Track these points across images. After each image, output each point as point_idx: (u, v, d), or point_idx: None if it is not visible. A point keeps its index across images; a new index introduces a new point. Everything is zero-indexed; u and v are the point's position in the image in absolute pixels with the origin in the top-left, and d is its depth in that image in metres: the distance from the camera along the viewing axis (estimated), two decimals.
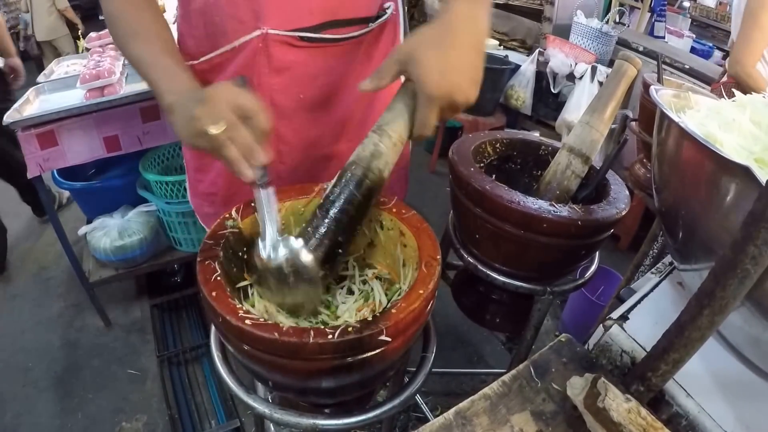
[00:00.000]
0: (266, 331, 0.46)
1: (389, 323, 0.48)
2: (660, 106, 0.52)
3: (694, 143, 0.43)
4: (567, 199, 0.83)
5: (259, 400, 0.59)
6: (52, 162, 1.44)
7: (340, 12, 0.76)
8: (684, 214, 0.48)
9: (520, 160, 0.95)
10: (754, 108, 0.52)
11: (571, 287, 0.86)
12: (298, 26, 0.73)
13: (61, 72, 1.79)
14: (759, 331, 0.43)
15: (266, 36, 0.73)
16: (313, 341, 0.45)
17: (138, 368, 1.74)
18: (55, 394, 1.65)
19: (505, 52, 2.95)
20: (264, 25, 0.72)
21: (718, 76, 2.10)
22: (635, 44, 2.44)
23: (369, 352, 0.49)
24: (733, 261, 0.35)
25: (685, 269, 0.55)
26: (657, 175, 0.56)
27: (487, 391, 0.48)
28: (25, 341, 1.86)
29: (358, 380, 0.54)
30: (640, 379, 0.44)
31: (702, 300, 0.38)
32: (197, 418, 1.56)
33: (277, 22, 0.72)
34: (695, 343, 0.39)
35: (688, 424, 0.46)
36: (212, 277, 0.53)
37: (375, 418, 0.58)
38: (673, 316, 0.41)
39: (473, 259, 0.86)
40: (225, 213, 0.63)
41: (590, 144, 0.81)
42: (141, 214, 1.76)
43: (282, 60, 0.75)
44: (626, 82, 0.81)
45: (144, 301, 2.03)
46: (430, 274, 0.54)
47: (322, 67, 0.79)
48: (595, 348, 0.55)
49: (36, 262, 2.29)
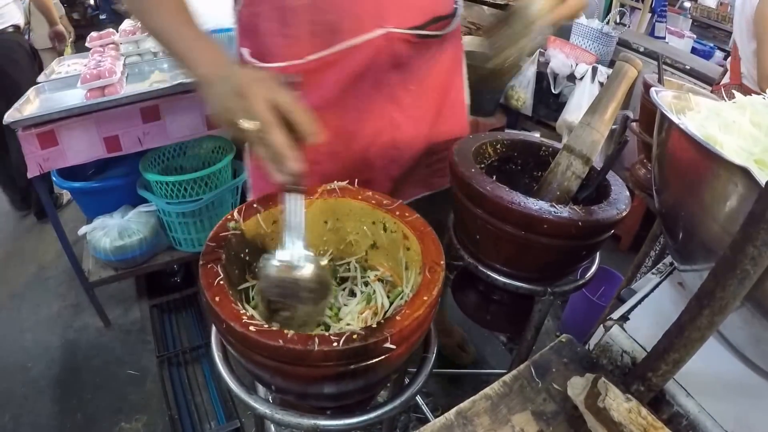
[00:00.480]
0: (271, 338, 0.46)
1: (394, 330, 0.48)
2: (660, 107, 0.52)
3: (695, 145, 0.44)
4: (567, 200, 0.83)
5: (260, 401, 0.59)
6: (52, 162, 1.44)
7: (439, 9, 0.83)
8: (684, 214, 0.49)
9: (521, 161, 0.95)
10: (754, 109, 0.53)
11: (572, 288, 0.86)
12: (412, 24, 0.79)
13: (61, 71, 1.79)
14: (759, 331, 0.43)
15: (389, 34, 0.77)
16: (318, 349, 0.45)
17: (137, 368, 1.74)
18: (54, 394, 1.65)
19: None
20: (386, 24, 0.76)
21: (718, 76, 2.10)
22: (636, 45, 2.44)
23: (373, 359, 0.49)
24: (733, 262, 0.35)
25: (685, 270, 0.55)
26: (657, 176, 0.56)
27: (488, 391, 0.48)
28: (24, 341, 1.86)
29: (361, 386, 0.54)
30: (641, 379, 0.44)
31: (702, 300, 0.38)
32: (197, 419, 1.56)
33: (398, 21, 0.77)
34: (695, 343, 0.39)
35: (688, 423, 0.46)
36: (215, 281, 0.53)
37: (376, 418, 0.58)
38: (674, 316, 0.41)
39: (474, 260, 0.86)
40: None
41: (591, 145, 0.81)
42: (141, 215, 1.76)
43: (402, 57, 0.80)
44: (627, 83, 0.81)
45: (144, 301, 2.02)
46: (434, 280, 0.54)
47: (428, 63, 0.86)
48: (595, 348, 0.55)
49: (36, 261, 2.29)
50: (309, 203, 0.68)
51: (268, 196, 0.67)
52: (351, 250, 0.72)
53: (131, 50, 1.76)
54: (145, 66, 1.76)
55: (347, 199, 0.68)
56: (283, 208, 0.55)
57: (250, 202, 0.66)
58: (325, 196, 0.68)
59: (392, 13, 0.76)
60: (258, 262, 0.58)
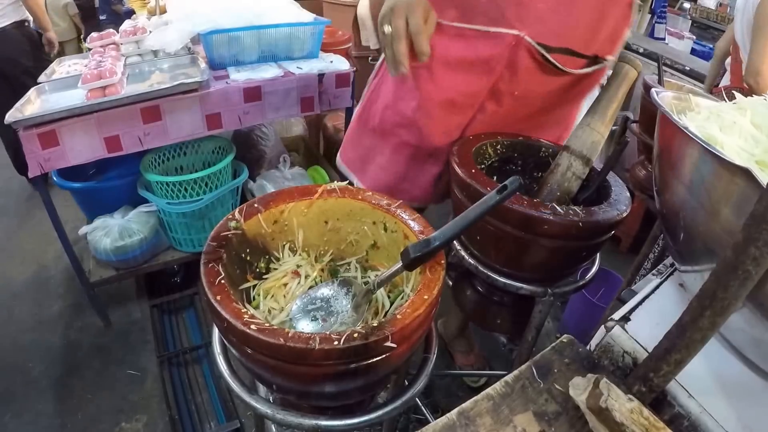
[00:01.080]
0: (272, 336, 0.46)
1: (395, 329, 0.48)
2: (661, 108, 0.52)
3: (695, 145, 0.44)
4: (568, 201, 0.83)
5: (261, 401, 0.59)
6: (54, 162, 1.44)
7: (578, 44, 0.82)
8: (685, 215, 0.49)
9: (521, 162, 0.95)
10: (755, 110, 0.53)
11: (572, 289, 0.86)
12: (544, 41, 0.79)
13: (62, 72, 1.79)
14: (761, 332, 0.43)
15: (521, 40, 0.79)
16: (318, 347, 0.45)
17: (138, 368, 1.74)
18: (54, 394, 1.65)
19: None
20: (523, 30, 0.78)
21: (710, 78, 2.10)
22: (636, 46, 2.44)
23: (374, 358, 0.49)
24: (735, 262, 0.35)
25: (686, 271, 0.55)
26: (658, 176, 0.57)
27: (490, 391, 0.48)
28: (24, 341, 1.86)
29: (361, 385, 0.54)
30: (642, 380, 0.44)
31: (703, 301, 0.38)
32: (197, 419, 1.56)
33: (534, 32, 0.78)
34: (697, 344, 0.39)
35: (690, 424, 0.46)
36: (216, 280, 0.53)
37: (377, 418, 0.58)
38: (675, 317, 0.41)
39: (474, 261, 0.86)
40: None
41: (591, 146, 0.81)
42: (141, 215, 1.76)
43: (521, 64, 0.81)
44: (627, 84, 0.82)
45: (144, 301, 2.02)
46: (435, 279, 0.54)
47: (541, 87, 0.87)
48: (597, 349, 0.55)
49: (36, 261, 2.29)
50: (309, 203, 0.68)
51: (268, 196, 0.67)
52: (351, 250, 0.72)
53: (132, 50, 1.75)
54: (146, 66, 1.76)
55: (347, 199, 0.68)
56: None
57: (250, 201, 0.66)
58: (326, 196, 0.68)
59: (534, 22, 0.78)
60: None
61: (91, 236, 1.71)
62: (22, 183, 2.73)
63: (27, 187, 2.68)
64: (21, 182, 2.73)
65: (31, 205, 2.61)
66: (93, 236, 1.70)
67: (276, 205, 0.66)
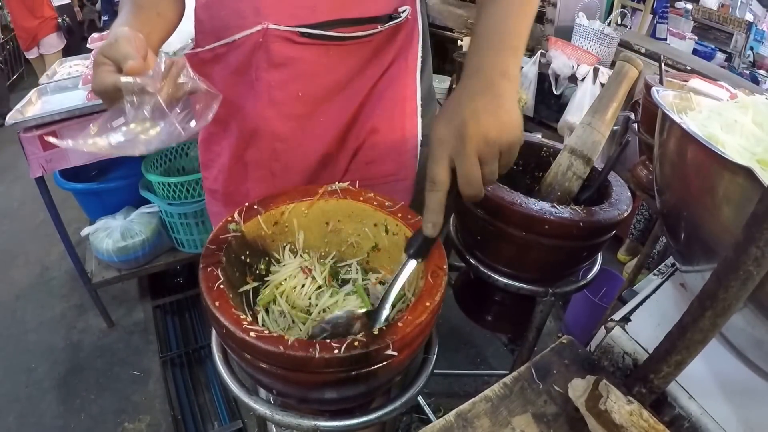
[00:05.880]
0: (271, 344, 0.46)
1: (395, 337, 0.47)
2: (662, 107, 0.52)
3: (696, 145, 0.43)
4: (569, 201, 0.83)
5: (261, 402, 0.59)
6: (55, 163, 1.45)
7: (348, 10, 0.75)
8: (686, 215, 0.48)
9: (522, 162, 0.95)
10: (757, 109, 0.52)
11: (573, 289, 0.86)
12: (300, 22, 0.73)
13: (63, 73, 1.80)
14: (762, 332, 0.43)
15: (266, 31, 0.73)
16: (319, 356, 0.45)
17: (141, 369, 1.75)
18: (58, 395, 1.66)
19: None
20: (264, 21, 0.72)
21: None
22: (637, 46, 2.43)
23: (374, 366, 0.48)
24: (736, 262, 0.35)
25: (687, 271, 0.55)
26: (659, 176, 0.56)
27: (488, 393, 0.47)
28: (28, 342, 1.87)
29: (362, 391, 0.54)
30: (642, 381, 0.44)
31: (704, 302, 0.38)
32: (200, 419, 1.56)
33: (278, 18, 0.72)
34: (697, 345, 0.39)
35: (690, 426, 0.46)
36: (215, 285, 0.53)
37: (377, 419, 0.58)
38: (676, 317, 0.41)
39: (475, 261, 0.86)
40: (227, 215, 0.63)
41: (592, 145, 0.81)
42: (143, 216, 1.77)
43: (281, 56, 0.75)
44: (627, 84, 0.81)
45: (147, 302, 2.03)
46: (437, 285, 0.54)
47: (326, 65, 0.78)
48: (597, 350, 0.55)
49: (39, 263, 2.30)
50: (310, 204, 0.68)
51: (268, 197, 0.67)
52: (352, 252, 0.72)
53: None
54: None
55: (349, 200, 0.68)
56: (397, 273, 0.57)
57: (250, 203, 0.66)
58: (327, 198, 0.68)
59: (271, 8, 0.72)
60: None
61: (93, 237, 1.72)
62: (24, 184, 2.75)
63: (29, 188, 2.69)
64: (23, 184, 2.74)
65: (34, 206, 2.62)
66: (95, 237, 1.71)
67: (276, 206, 0.66)
